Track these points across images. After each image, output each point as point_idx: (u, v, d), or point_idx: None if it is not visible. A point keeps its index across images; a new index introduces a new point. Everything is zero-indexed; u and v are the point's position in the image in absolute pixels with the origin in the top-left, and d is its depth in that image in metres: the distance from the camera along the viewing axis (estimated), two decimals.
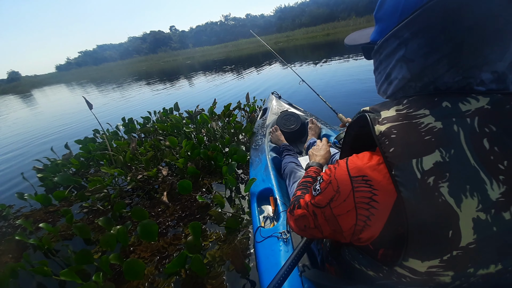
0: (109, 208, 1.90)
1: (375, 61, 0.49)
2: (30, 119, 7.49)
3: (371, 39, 0.49)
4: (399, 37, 0.39)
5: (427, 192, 0.33)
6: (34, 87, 31.00)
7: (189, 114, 2.99)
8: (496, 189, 0.33)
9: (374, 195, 0.38)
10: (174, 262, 1.10)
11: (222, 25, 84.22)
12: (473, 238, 0.34)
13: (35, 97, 16.67)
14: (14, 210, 2.15)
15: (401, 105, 0.39)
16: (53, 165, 2.59)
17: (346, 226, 0.43)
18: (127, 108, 6.38)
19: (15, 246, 1.62)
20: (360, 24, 32.12)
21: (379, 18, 0.46)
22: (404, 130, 0.36)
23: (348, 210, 0.41)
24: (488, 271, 0.37)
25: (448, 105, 0.36)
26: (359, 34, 0.59)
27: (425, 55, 0.37)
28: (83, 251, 1.21)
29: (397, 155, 0.35)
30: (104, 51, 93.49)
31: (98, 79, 23.43)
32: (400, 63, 0.41)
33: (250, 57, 17.47)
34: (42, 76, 77.12)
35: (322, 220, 0.47)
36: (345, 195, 0.41)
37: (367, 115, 0.41)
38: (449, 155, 0.34)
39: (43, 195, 2.04)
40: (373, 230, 0.40)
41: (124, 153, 2.32)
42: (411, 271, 0.38)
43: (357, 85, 4.53)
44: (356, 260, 0.49)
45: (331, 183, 0.44)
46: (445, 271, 0.37)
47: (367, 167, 0.39)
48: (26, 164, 3.34)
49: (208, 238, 1.43)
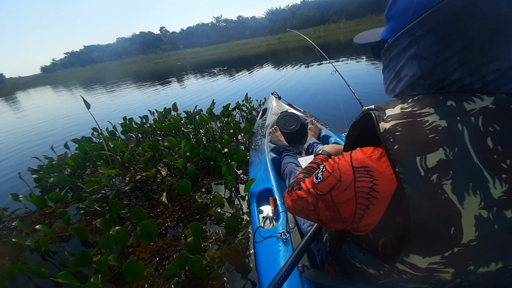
0: (107, 209, 1.87)
1: (384, 59, 0.50)
2: (19, 122, 7.31)
3: (382, 38, 0.50)
4: (411, 35, 0.40)
5: (430, 189, 0.34)
6: (18, 89, 29.97)
7: (187, 114, 2.98)
8: (498, 187, 0.33)
9: (375, 185, 0.39)
10: (174, 263, 1.10)
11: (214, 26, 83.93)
12: (475, 236, 0.34)
13: (23, 98, 16.15)
14: (9, 213, 2.11)
15: (406, 103, 0.40)
16: (49, 165, 2.56)
17: (346, 214, 0.44)
18: (122, 110, 6.30)
19: (12, 248, 1.60)
20: (350, 27, 32.49)
21: (390, 17, 0.46)
22: (409, 128, 0.37)
23: (348, 199, 0.43)
24: (488, 269, 0.38)
25: (453, 104, 0.37)
26: (368, 33, 0.60)
27: (437, 52, 0.38)
28: (82, 253, 1.20)
29: (401, 152, 0.36)
30: (91, 52, 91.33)
31: (87, 81, 22.89)
32: (411, 61, 0.42)
33: (242, 59, 17.48)
34: (26, 78, 74.70)
35: (322, 205, 0.48)
36: (346, 184, 0.43)
37: (372, 112, 0.42)
38: (453, 153, 0.34)
39: (39, 196, 2.01)
40: (372, 218, 0.41)
41: (122, 154, 2.29)
42: (412, 267, 0.39)
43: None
44: (357, 258, 0.49)
45: (334, 173, 0.45)
46: (446, 267, 0.37)
47: (370, 159, 0.41)
48: (20, 164, 3.28)
49: (208, 239, 1.43)
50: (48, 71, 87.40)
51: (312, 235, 0.73)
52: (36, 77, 71.01)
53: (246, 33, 71.60)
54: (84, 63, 79.18)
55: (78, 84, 20.64)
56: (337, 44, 15.63)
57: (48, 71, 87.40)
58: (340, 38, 19.98)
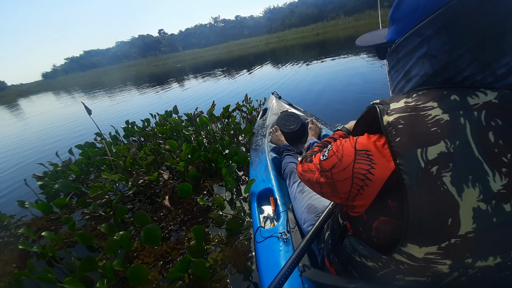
0: (111, 214, 1.90)
1: (391, 60, 0.50)
2: (26, 128, 7.37)
3: (388, 39, 0.50)
4: (420, 35, 0.41)
5: (430, 181, 0.35)
6: (20, 96, 30.19)
7: (188, 116, 2.99)
8: (498, 180, 0.34)
9: (372, 169, 0.41)
10: (177, 266, 1.11)
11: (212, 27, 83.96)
12: (472, 227, 0.35)
13: (31, 103, 16.28)
14: (15, 220, 2.15)
15: (411, 98, 0.41)
16: (53, 172, 2.59)
17: (342, 190, 0.48)
18: (125, 114, 6.34)
19: (19, 255, 1.62)
20: (349, 23, 32.44)
21: (396, 18, 0.47)
22: (412, 121, 0.38)
23: (345, 178, 0.46)
24: (486, 263, 0.38)
25: (457, 98, 0.37)
26: (371, 35, 0.60)
27: (449, 50, 0.38)
28: (88, 258, 1.21)
29: (403, 144, 0.37)
30: (91, 57, 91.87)
31: (88, 86, 23.00)
32: (422, 60, 0.42)
33: (241, 59, 17.47)
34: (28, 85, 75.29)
35: (324, 181, 0.53)
36: (345, 164, 0.46)
37: (377, 106, 0.43)
38: (454, 146, 0.35)
39: (44, 203, 2.04)
40: (365, 199, 0.44)
41: (124, 158, 2.31)
42: (409, 257, 0.40)
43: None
44: (357, 251, 0.51)
45: (337, 152, 0.49)
46: (443, 259, 0.38)
47: (374, 144, 0.42)
48: (26, 171, 3.31)
49: (211, 242, 1.43)
50: (49, 77, 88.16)
51: (313, 235, 0.74)
52: (37, 83, 71.63)
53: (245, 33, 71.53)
54: (84, 68, 79.69)
55: (79, 90, 20.76)
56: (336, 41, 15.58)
57: (49, 77, 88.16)
58: (339, 35, 19.90)
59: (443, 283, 0.42)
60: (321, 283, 0.67)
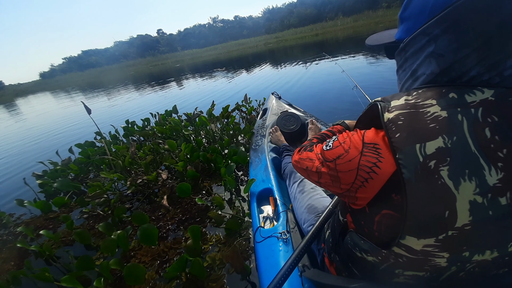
0: (109, 213, 1.89)
1: (399, 59, 0.51)
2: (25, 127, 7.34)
3: (397, 38, 0.51)
4: (428, 34, 0.41)
5: (428, 174, 0.36)
6: (18, 96, 30.03)
7: (187, 116, 2.99)
8: (494, 175, 0.35)
9: (379, 162, 0.41)
10: (174, 266, 1.10)
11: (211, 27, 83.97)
12: (469, 220, 0.36)
13: (24, 105, 16.14)
14: (14, 218, 2.15)
15: (411, 95, 0.42)
16: (53, 170, 2.59)
17: (345, 181, 0.48)
18: (125, 113, 6.34)
19: (17, 253, 1.62)
20: (347, 24, 32.39)
21: (405, 17, 0.48)
22: (411, 118, 0.39)
23: (350, 169, 0.46)
24: (483, 257, 0.39)
25: (455, 96, 0.38)
26: (380, 35, 0.61)
27: (455, 50, 0.39)
28: (84, 257, 1.21)
29: (402, 140, 0.38)
30: (89, 57, 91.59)
31: (86, 86, 22.93)
32: (429, 59, 0.42)
33: (240, 59, 17.48)
34: (26, 84, 74.98)
35: (325, 171, 0.52)
36: (352, 156, 0.46)
37: (378, 103, 0.44)
38: (451, 142, 0.36)
39: (43, 201, 2.04)
40: (368, 192, 0.44)
41: (123, 158, 2.31)
42: (407, 250, 0.41)
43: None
44: (358, 246, 0.51)
45: (344, 144, 0.49)
46: (440, 251, 0.39)
47: (382, 138, 0.43)
48: (26, 170, 3.31)
49: (208, 241, 1.43)
50: (47, 77, 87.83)
51: (313, 235, 0.74)
52: (35, 83, 71.36)
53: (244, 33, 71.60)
54: (82, 67, 79.41)
55: (77, 89, 20.67)
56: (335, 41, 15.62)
57: (47, 77, 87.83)
58: (338, 35, 19.97)
59: (441, 278, 0.43)
60: (321, 283, 0.67)
